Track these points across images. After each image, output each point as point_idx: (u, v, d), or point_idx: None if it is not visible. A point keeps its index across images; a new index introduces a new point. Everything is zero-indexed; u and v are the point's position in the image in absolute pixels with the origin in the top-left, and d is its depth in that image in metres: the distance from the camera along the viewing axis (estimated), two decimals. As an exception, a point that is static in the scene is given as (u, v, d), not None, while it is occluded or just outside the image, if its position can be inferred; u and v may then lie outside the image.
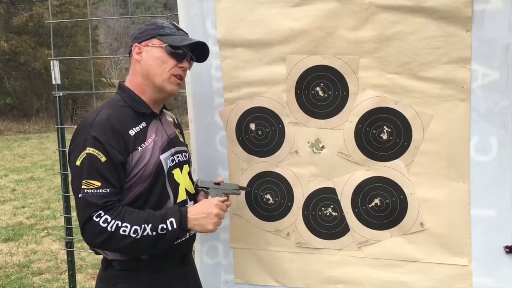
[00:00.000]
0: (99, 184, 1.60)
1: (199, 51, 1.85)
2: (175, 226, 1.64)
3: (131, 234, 1.59)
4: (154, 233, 1.61)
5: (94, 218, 1.58)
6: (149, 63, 1.76)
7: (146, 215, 1.63)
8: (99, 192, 1.59)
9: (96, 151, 1.61)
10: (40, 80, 20.63)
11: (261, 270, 2.21)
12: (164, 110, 1.94)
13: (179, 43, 1.76)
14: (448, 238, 1.95)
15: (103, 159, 1.61)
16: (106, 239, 1.59)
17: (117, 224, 1.58)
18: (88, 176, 1.60)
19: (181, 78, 1.80)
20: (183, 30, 1.86)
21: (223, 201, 1.79)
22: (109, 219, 1.58)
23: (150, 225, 1.61)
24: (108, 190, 1.60)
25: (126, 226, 1.58)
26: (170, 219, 1.64)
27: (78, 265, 4.77)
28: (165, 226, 1.63)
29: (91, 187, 1.59)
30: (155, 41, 1.76)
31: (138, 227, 1.59)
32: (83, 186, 1.59)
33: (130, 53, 1.81)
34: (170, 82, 1.76)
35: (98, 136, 1.62)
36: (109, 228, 1.57)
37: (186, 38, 1.81)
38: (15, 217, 6.69)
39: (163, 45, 1.75)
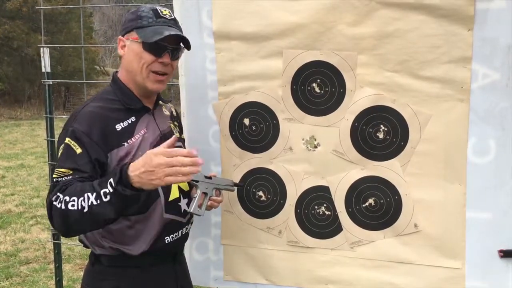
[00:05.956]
0: (70, 172, 1.53)
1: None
2: (113, 185, 1.43)
3: (78, 207, 1.44)
4: (98, 201, 1.44)
5: (53, 201, 1.48)
6: (130, 59, 1.69)
7: (88, 185, 1.47)
8: (68, 179, 1.51)
9: (73, 142, 1.57)
10: (33, 66, 20.42)
11: (252, 268, 2.17)
12: (161, 102, 1.88)
13: (151, 38, 1.63)
14: (442, 240, 1.92)
15: (79, 150, 1.56)
16: (64, 219, 1.47)
17: (65, 199, 1.46)
18: (60, 165, 1.56)
19: (164, 73, 1.70)
20: (165, 17, 1.69)
21: (166, 146, 1.46)
22: (61, 197, 1.47)
23: (94, 194, 1.45)
24: (77, 176, 1.52)
25: (73, 200, 1.45)
26: (110, 180, 1.45)
27: (66, 255, 4.72)
28: (107, 190, 1.44)
29: (61, 175, 1.53)
30: (134, 35, 1.67)
31: (82, 198, 1.44)
32: (54, 175, 1.55)
33: None
34: (149, 80, 1.68)
35: (78, 128, 1.58)
36: (62, 206, 1.46)
37: (162, 30, 1.65)
38: (4, 205, 6.61)
39: (139, 40, 1.65)
